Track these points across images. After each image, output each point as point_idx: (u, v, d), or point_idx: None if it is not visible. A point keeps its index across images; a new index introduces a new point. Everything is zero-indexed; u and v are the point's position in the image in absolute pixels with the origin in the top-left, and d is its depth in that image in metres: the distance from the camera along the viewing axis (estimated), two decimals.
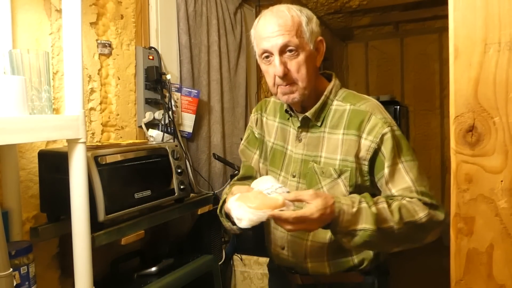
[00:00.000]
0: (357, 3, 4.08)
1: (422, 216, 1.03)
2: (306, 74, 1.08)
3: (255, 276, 2.13)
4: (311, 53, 1.10)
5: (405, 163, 1.07)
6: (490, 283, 0.71)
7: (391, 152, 1.06)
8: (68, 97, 1.04)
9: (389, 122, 1.09)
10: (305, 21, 1.08)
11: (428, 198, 1.06)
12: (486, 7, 0.69)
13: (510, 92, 0.68)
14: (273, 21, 1.07)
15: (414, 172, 1.07)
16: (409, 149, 1.09)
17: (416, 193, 1.05)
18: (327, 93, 1.14)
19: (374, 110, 1.10)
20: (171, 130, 1.95)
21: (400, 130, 1.11)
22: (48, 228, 1.32)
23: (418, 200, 1.05)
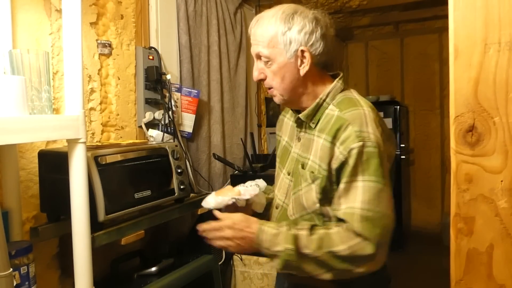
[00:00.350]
0: (357, 3, 4.08)
1: (342, 248, 0.99)
2: (280, 83, 1.10)
3: (255, 276, 2.13)
4: (287, 63, 1.08)
5: (364, 182, 1.01)
6: (490, 283, 0.71)
7: (353, 169, 1.01)
8: (68, 97, 1.04)
9: (363, 136, 1.01)
10: (282, 31, 1.07)
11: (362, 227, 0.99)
12: (486, 7, 0.69)
13: (510, 92, 0.68)
14: (253, 29, 1.11)
15: (370, 194, 1.00)
16: (377, 170, 1.01)
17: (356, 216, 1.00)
18: (322, 96, 1.13)
19: (354, 121, 1.04)
20: (171, 130, 1.95)
21: (376, 147, 1.01)
22: (48, 228, 1.32)
23: (348, 230, 1.01)
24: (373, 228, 1.00)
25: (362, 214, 0.99)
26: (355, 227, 1.00)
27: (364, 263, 1.01)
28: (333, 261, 1.01)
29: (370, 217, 1.00)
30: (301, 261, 1.03)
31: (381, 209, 1.01)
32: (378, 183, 1.01)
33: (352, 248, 0.99)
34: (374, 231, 0.99)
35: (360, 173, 1.01)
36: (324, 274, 1.03)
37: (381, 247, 1.01)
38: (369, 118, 1.05)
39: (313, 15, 1.10)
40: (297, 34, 1.07)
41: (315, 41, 1.08)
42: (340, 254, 1.00)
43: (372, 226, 0.99)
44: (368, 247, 0.99)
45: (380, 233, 1.00)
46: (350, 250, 0.99)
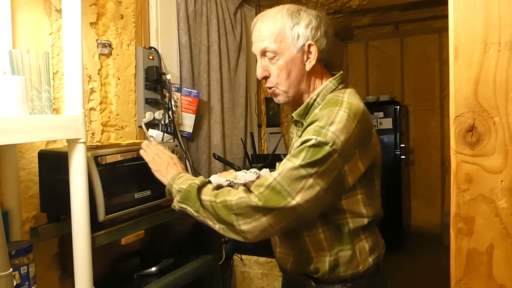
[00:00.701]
0: (357, 3, 4.08)
1: (231, 198, 1.02)
2: (286, 78, 1.11)
3: (255, 276, 2.13)
4: (294, 58, 1.10)
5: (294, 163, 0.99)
6: (490, 283, 0.71)
7: (296, 151, 1.01)
8: (68, 97, 1.04)
9: (320, 132, 0.99)
10: (290, 25, 1.09)
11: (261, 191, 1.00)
12: (486, 7, 0.69)
13: (510, 92, 0.68)
14: (257, 26, 1.13)
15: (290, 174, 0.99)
16: (312, 160, 0.98)
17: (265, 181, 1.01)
18: (313, 95, 1.14)
19: (322, 118, 1.02)
20: (171, 130, 1.95)
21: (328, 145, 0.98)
22: (48, 228, 1.32)
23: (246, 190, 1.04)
24: (271, 196, 0.98)
25: (271, 183, 1.00)
26: (258, 189, 1.01)
27: (247, 218, 1.00)
28: (222, 210, 1.03)
29: (275, 188, 0.99)
30: (197, 201, 1.07)
31: (289, 190, 0.98)
32: (304, 170, 0.98)
33: (241, 198, 1.01)
34: (270, 197, 0.98)
35: (296, 157, 0.99)
36: (214, 223, 1.06)
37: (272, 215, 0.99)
38: (339, 118, 1.01)
39: (315, 12, 1.13)
40: (304, 29, 1.09)
41: (319, 37, 1.11)
42: (228, 203, 1.02)
43: (271, 194, 0.99)
44: (255, 202, 0.99)
45: (274, 203, 0.98)
46: (238, 200, 1.01)
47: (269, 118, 3.23)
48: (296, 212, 1.00)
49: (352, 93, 1.13)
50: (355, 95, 1.12)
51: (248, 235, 1.02)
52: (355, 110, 1.04)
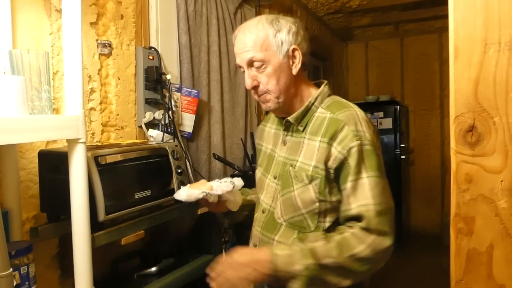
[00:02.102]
0: (357, 3, 4.08)
1: (362, 248, 1.01)
2: (276, 84, 1.14)
3: None
4: (281, 64, 1.13)
5: (369, 178, 1.05)
6: (490, 283, 0.71)
7: (356, 167, 1.05)
8: (68, 97, 1.04)
9: (360, 135, 1.07)
10: (273, 33, 1.12)
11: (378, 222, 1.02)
12: (486, 7, 0.69)
13: (510, 92, 0.68)
14: (241, 37, 1.16)
15: (377, 189, 1.05)
16: (378, 166, 1.07)
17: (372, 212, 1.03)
18: (311, 99, 1.17)
19: (349, 121, 1.09)
20: (171, 130, 1.95)
21: (372, 145, 1.08)
22: (48, 228, 1.32)
23: (361, 230, 1.03)
24: (388, 221, 1.05)
25: (376, 209, 1.03)
26: (373, 223, 1.03)
27: (384, 258, 1.06)
28: (355, 264, 1.01)
29: (383, 211, 1.04)
30: (323, 273, 1.01)
31: (388, 202, 1.06)
32: (381, 178, 1.06)
33: (372, 245, 1.02)
34: (389, 223, 1.05)
35: (364, 171, 1.05)
36: (346, 280, 1.02)
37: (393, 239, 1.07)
38: (361, 118, 1.11)
39: (292, 19, 1.17)
40: (286, 35, 1.13)
41: (301, 41, 1.15)
42: (361, 256, 1.01)
43: (386, 219, 1.04)
44: (386, 240, 1.03)
45: (391, 225, 1.05)
46: (370, 248, 1.02)
47: None
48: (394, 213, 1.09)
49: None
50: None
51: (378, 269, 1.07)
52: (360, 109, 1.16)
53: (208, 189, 1.25)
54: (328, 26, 4.59)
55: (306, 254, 1.00)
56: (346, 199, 1.07)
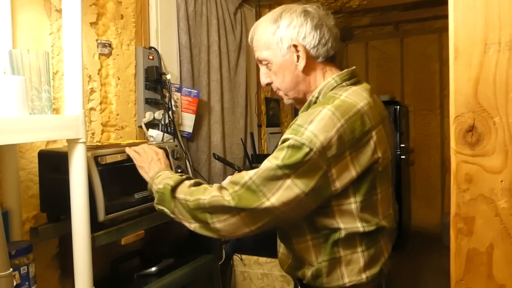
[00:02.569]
0: (357, 3, 4.08)
1: (204, 197, 1.01)
2: (283, 81, 1.11)
3: (255, 276, 2.13)
4: (284, 61, 1.09)
5: (270, 162, 0.97)
6: (490, 283, 0.71)
7: (275, 152, 0.99)
8: (68, 97, 1.04)
9: (297, 130, 0.96)
10: (272, 31, 1.08)
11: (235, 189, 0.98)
12: (486, 7, 0.69)
13: (510, 92, 0.68)
14: (252, 36, 1.15)
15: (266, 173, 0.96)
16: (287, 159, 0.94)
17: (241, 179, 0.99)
18: (315, 93, 1.09)
19: (303, 116, 0.99)
20: (171, 130, 1.95)
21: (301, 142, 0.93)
22: (48, 228, 1.32)
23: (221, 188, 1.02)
24: (245, 195, 0.96)
25: (246, 182, 0.97)
26: (233, 187, 0.99)
27: (220, 217, 0.99)
28: (195, 208, 1.02)
29: (250, 188, 0.96)
30: (172, 201, 1.07)
31: (264, 190, 0.95)
32: (280, 170, 0.94)
33: (214, 197, 1.00)
34: (244, 197, 0.96)
35: (275, 157, 0.97)
36: (189, 222, 1.06)
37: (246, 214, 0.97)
38: (320, 117, 0.95)
39: (302, 8, 1.08)
40: (286, 30, 1.06)
41: (307, 33, 1.06)
42: (201, 202, 1.01)
43: (245, 193, 0.96)
44: (228, 202, 0.97)
45: (248, 203, 0.96)
46: (211, 199, 1.00)
47: (269, 118, 3.23)
48: (272, 213, 0.96)
49: (357, 91, 1.05)
50: (361, 93, 1.04)
51: (222, 233, 1.01)
52: (344, 109, 0.97)
53: None
54: None
55: (173, 179, 1.10)
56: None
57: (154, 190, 1.14)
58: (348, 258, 1.03)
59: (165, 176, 1.15)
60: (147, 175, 1.22)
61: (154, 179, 1.16)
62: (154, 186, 1.15)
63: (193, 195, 1.04)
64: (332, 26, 1.11)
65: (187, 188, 1.07)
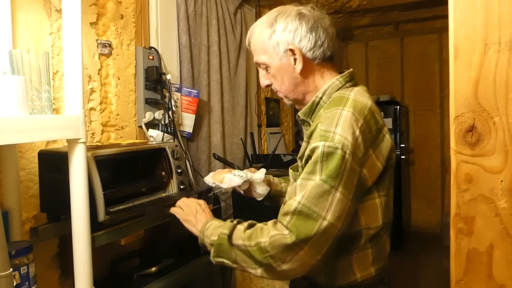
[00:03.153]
0: (357, 3, 4.09)
1: (264, 239, 0.96)
2: (282, 84, 1.12)
3: (255, 276, 2.13)
4: (281, 65, 1.10)
5: (316, 181, 0.94)
6: (490, 283, 0.71)
7: (311, 166, 0.96)
8: (68, 97, 1.04)
9: (326, 136, 0.95)
10: (268, 35, 1.08)
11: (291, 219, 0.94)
12: (486, 7, 0.69)
13: (510, 92, 0.68)
14: (249, 40, 1.16)
15: (313, 192, 0.93)
16: (331, 170, 0.93)
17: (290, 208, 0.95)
18: (319, 94, 1.10)
19: (325, 120, 0.99)
20: (171, 130, 1.95)
21: (337, 148, 0.93)
22: (48, 228, 1.32)
23: (274, 221, 0.98)
24: (300, 223, 0.93)
25: (296, 208, 0.94)
26: (284, 218, 0.95)
27: (285, 258, 0.94)
28: (257, 253, 0.97)
29: (302, 212, 0.93)
30: (231, 250, 1.02)
31: (317, 210, 0.92)
32: (326, 184, 0.93)
33: (273, 237, 0.94)
34: (300, 225, 0.92)
35: (314, 172, 0.95)
36: (254, 268, 1.00)
37: (309, 246, 0.93)
38: (343, 119, 0.97)
39: (297, 11, 1.08)
40: (281, 35, 1.07)
41: (302, 36, 1.07)
42: (262, 245, 0.96)
43: (300, 221, 0.93)
44: (288, 237, 0.92)
45: (307, 231, 0.92)
46: (270, 240, 0.94)
47: (269, 118, 3.23)
48: (332, 234, 0.93)
49: (360, 91, 1.08)
50: (364, 93, 1.07)
51: (290, 273, 0.97)
52: (360, 108, 1.00)
53: (219, 181, 1.29)
54: None
55: (226, 227, 1.05)
56: (294, 191, 1.00)
57: (208, 243, 1.08)
58: (359, 256, 1.06)
59: (215, 226, 1.09)
60: (195, 228, 1.15)
61: (205, 232, 1.10)
62: (206, 239, 1.09)
63: (252, 239, 0.99)
64: (328, 26, 1.11)
65: (242, 232, 1.02)
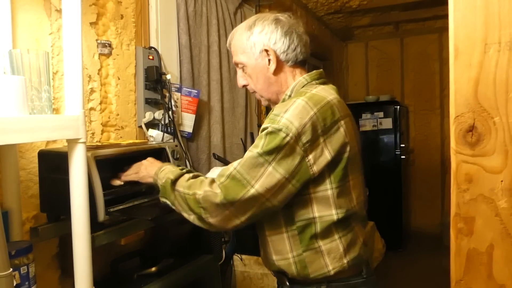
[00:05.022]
0: (357, 3, 4.08)
1: (199, 192, 1.06)
2: (257, 83, 1.21)
3: (255, 276, 2.13)
4: (257, 64, 1.18)
5: (252, 152, 1.04)
6: (490, 283, 0.71)
7: (256, 142, 1.06)
8: (68, 97, 1.04)
9: (274, 119, 1.04)
10: (246, 37, 1.18)
11: (224, 182, 1.04)
12: (486, 7, 0.69)
13: (510, 92, 0.68)
14: (230, 41, 1.24)
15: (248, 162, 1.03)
16: (266, 146, 1.02)
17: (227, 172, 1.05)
18: (287, 92, 1.19)
19: (279, 107, 1.07)
20: (171, 130, 1.95)
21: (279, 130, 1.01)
22: (48, 228, 1.32)
23: (212, 179, 1.07)
24: (231, 186, 1.02)
25: (231, 172, 1.04)
26: (219, 179, 1.05)
27: (212, 212, 1.04)
28: (192, 202, 1.07)
29: (235, 177, 1.03)
30: (172, 194, 1.12)
31: (248, 178, 1.02)
32: (261, 157, 1.02)
33: (206, 192, 1.04)
34: (230, 187, 1.02)
35: (255, 146, 1.04)
36: (188, 214, 1.10)
37: (235, 208, 1.03)
38: (294, 106, 1.04)
39: (274, 17, 1.18)
40: (258, 37, 1.17)
41: (277, 39, 1.16)
42: (197, 197, 1.06)
43: (230, 184, 1.03)
44: (218, 196, 1.02)
45: (234, 194, 1.01)
46: (204, 194, 1.04)
47: None
48: (258, 201, 1.02)
49: (326, 88, 1.14)
50: (329, 90, 1.14)
51: (216, 226, 1.07)
52: (316, 100, 1.07)
53: None
54: (328, 26, 4.59)
55: (174, 173, 1.14)
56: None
57: (159, 184, 1.18)
58: (328, 247, 1.09)
59: (167, 170, 1.18)
60: (149, 177, 1.24)
61: (158, 174, 1.20)
62: (159, 181, 1.19)
63: (191, 188, 1.09)
64: (302, 33, 1.20)
65: (185, 181, 1.12)
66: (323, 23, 4.43)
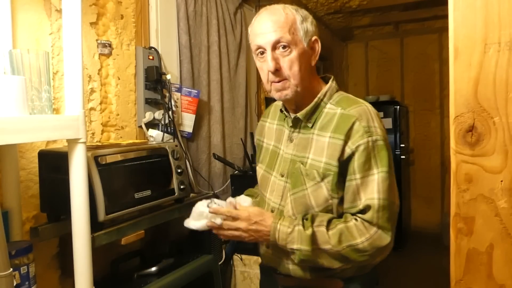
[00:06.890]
0: (357, 3, 4.08)
1: (361, 241, 1.04)
2: (298, 71, 1.09)
3: (255, 276, 2.13)
4: (305, 51, 1.11)
5: (379, 174, 1.06)
6: (490, 283, 0.71)
7: (366, 163, 1.06)
8: (68, 97, 1.04)
9: (371, 131, 1.07)
10: (300, 19, 1.11)
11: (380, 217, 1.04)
12: (486, 7, 0.69)
13: (510, 92, 0.68)
14: (267, 18, 1.10)
15: (384, 185, 1.06)
16: (388, 162, 1.08)
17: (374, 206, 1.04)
18: (320, 95, 1.15)
19: (361, 116, 1.08)
20: (171, 130, 1.95)
21: (383, 140, 1.08)
22: (48, 228, 1.32)
23: (364, 222, 1.05)
24: (388, 217, 1.05)
25: (380, 204, 1.04)
26: (375, 217, 1.04)
27: (381, 253, 1.06)
28: (353, 254, 1.05)
29: (387, 206, 1.05)
30: (318, 257, 1.07)
31: (392, 198, 1.06)
32: (389, 174, 1.07)
33: (371, 239, 1.04)
34: (389, 219, 1.05)
35: (374, 167, 1.06)
36: (340, 264, 1.08)
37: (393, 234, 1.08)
38: (373, 114, 1.12)
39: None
40: (311, 25, 1.13)
41: (319, 34, 1.17)
42: (359, 247, 1.04)
43: (387, 215, 1.05)
44: (386, 236, 1.04)
45: (393, 222, 1.06)
46: (370, 241, 1.04)
47: None
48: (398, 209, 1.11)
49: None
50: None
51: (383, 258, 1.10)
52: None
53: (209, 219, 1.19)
54: (328, 26, 4.59)
55: (304, 239, 1.05)
56: (354, 195, 1.07)
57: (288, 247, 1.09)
58: None
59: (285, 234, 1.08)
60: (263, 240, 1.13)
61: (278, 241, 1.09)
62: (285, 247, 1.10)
63: (342, 242, 1.05)
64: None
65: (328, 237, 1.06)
66: (323, 23, 4.43)
